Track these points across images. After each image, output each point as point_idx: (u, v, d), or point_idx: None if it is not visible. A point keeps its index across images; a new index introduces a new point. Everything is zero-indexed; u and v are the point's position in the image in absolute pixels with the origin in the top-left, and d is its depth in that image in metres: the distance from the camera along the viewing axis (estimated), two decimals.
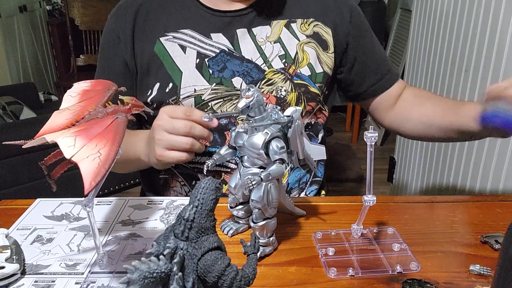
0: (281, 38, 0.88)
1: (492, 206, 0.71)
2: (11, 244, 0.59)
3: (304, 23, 0.90)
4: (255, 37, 0.87)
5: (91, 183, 0.41)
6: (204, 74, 0.85)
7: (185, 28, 0.86)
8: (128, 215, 0.70)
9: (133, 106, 0.53)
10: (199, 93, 0.84)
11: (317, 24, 0.90)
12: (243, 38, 0.87)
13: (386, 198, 0.75)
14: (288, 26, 0.89)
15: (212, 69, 0.85)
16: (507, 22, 1.17)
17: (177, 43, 0.86)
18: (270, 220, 0.58)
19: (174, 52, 0.86)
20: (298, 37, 0.89)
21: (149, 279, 0.35)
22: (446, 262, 0.58)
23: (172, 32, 0.86)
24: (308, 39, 0.89)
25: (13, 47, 3.14)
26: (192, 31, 0.86)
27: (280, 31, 0.88)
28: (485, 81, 1.29)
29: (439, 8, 1.65)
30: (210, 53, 0.85)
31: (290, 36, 0.88)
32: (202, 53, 0.85)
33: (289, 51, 0.87)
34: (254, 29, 0.87)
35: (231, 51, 0.86)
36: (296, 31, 0.89)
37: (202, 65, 0.85)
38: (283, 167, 0.56)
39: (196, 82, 0.84)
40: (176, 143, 0.71)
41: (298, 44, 0.88)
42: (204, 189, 0.39)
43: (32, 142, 0.48)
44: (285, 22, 0.89)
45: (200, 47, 0.86)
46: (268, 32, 0.88)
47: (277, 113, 0.57)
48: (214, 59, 0.85)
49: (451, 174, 1.51)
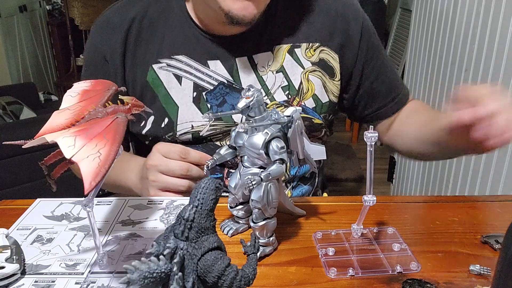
0: (284, 67, 0.81)
1: (492, 206, 0.71)
2: (11, 244, 0.59)
3: (309, 48, 0.82)
4: (256, 66, 0.80)
5: (91, 183, 0.41)
6: (202, 108, 0.80)
7: (180, 53, 0.80)
8: (128, 215, 0.70)
9: (133, 106, 0.53)
10: (196, 129, 0.80)
11: (323, 49, 0.83)
12: (243, 68, 0.80)
13: (386, 198, 0.75)
14: (292, 52, 0.82)
15: (210, 103, 0.80)
16: (507, 22, 1.17)
17: (172, 72, 0.80)
18: (270, 220, 0.58)
19: (169, 83, 0.79)
20: (303, 64, 0.82)
21: (149, 279, 0.35)
22: (446, 262, 0.58)
23: (166, 59, 0.80)
24: (313, 66, 0.82)
25: (13, 47, 3.14)
26: (187, 58, 0.80)
27: (283, 58, 0.81)
28: (485, 81, 1.29)
29: (439, 8, 1.65)
30: (207, 86, 0.80)
31: (294, 64, 0.82)
32: (200, 85, 0.80)
33: (292, 82, 0.81)
34: (255, 57, 0.80)
35: (230, 83, 0.80)
36: (301, 57, 0.82)
37: (199, 99, 0.79)
38: (283, 167, 0.56)
39: (194, 117, 0.80)
40: (171, 185, 0.70)
41: (303, 73, 0.82)
42: (204, 189, 0.39)
43: (32, 142, 0.48)
44: (289, 47, 0.82)
45: (197, 77, 0.80)
46: (270, 60, 0.81)
47: (277, 113, 0.57)
48: (212, 93, 0.80)
49: (451, 174, 1.51)
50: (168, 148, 0.71)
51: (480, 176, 1.31)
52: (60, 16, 3.80)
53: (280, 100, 0.81)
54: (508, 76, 1.17)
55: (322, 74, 0.83)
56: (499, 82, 1.21)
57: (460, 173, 1.44)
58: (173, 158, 0.70)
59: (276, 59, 0.81)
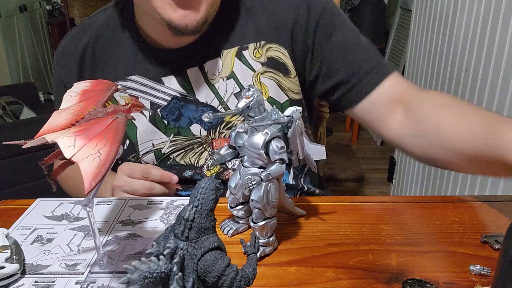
0: (234, 73, 0.78)
1: (492, 206, 0.71)
2: (11, 244, 0.59)
3: (257, 48, 0.79)
4: (207, 75, 0.78)
5: (91, 183, 0.41)
6: (159, 126, 0.79)
7: (134, 74, 0.79)
8: (128, 215, 0.70)
9: (133, 106, 0.53)
10: (157, 147, 0.79)
11: (271, 46, 0.79)
12: (195, 78, 0.78)
13: (386, 198, 0.75)
14: (240, 56, 0.79)
15: (167, 119, 0.79)
16: (507, 22, 1.17)
17: (128, 93, 0.78)
18: (270, 220, 0.58)
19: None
20: (253, 66, 0.79)
21: (149, 279, 0.35)
22: (446, 262, 0.58)
23: (121, 81, 0.79)
24: (263, 67, 0.79)
25: (13, 47, 3.15)
26: (141, 78, 0.79)
27: (232, 63, 0.78)
28: (485, 81, 1.29)
29: (439, 8, 1.65)
30: (162, 102, 0.79)
31: (244, 68, 0.78)
32: (154, 102, 0.79)
33: (244, 87, 0.78)
34: (205, 65, 0.78)
35: (184, 95, 0.78)
36: (249, 59, 0.79)
37: (155, 117, 0.79)
38: (283, 167, 0.56)
39: (153, 136, 0.79)
40: None
41: (254, 76, 0.78)
42: (204, 189, 0.39)
43: (32, 142, 0.48)
44: (236, 50, 0.79)
45: (153, 95, 0.79)
46: (220, 67, 0.78)
47: (277, 113, 0.57)
48: (167, 108, 0.79)
49: (451, 174, 1.51)
50: (131, 168, 0.73)
51: (480, 176, 1.31)
52: (60, 16, 3.80)
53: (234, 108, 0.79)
54: (508, 76, 1.17)
55: (275, 74, 0.79)
56: (499, 82, 1.21)
57: (460, 173, 1.44)
58: (136, 178, 0.72)
59: (225, 65, 0.79)
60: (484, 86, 1.29)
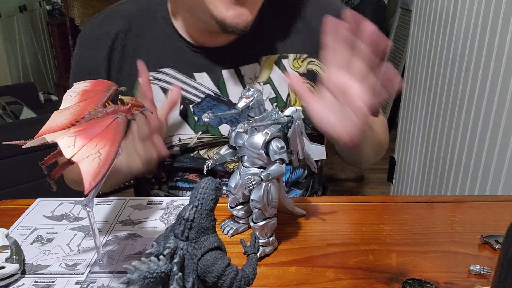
0: (271, 78, 0.79)
1: (492, 206, 0.71)
2: (11, 244, 0.59)
3: (297, 58, 0.80)
4: (243, 78, 0.79)
5: (91, 183, 0.41)
6: (189, 121, 0.79)
7: (166, 66, 0.78)
8: (128, 215, 0.70)
9: (133, 106, 0.53)
10: (184, 142, 0.79)
11: (312, 60, 0.81)
12: (230, 80, 0.78)
13: (386, 198, 0.75)
14: (279, 63, 0.80)
15: (197, 116, 0.79)
16: (507, 22, 1.17)
17: (158, 85, 0.78)
18: (270, 220, 0.58)
19: (155, 96, 0.77)
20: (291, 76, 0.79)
21: (149, 279, 0.35)
22: (446, 262, 0.58)
23: (152, 72, 0.78)
24: (302, 78, 0.80)
25: (13, 47, 3.15)
26: (174, 71, 0.78)
27: (270, 69, 0.80)
28: (485, 81, 1.29)
29: (439, 8, 1.65)
30: (194, 98, 0.79)
31: (281, 75, 0.80)
32: (186, 97, 0.79)
33: (280, 93, 0.80)
34: (242, 69, 0.79)
35: (218, 95, 0.79)
36: (288, 68, 0.80)
37: (186, 112, 0.79)
38: (283, 167, 0.56)
39: (181, 131, 0.79)
40: None
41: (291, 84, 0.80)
42: (204, 189, 0.39)
43: (32, 142, 0.48)
44: (276, 58, 0.80)
45: (184, 90, 0.78)
46: (257, 71, 0.79)
47: (277, 113, 0.57)
48: (199, 105, 0.78)
49: (451, 174, 1.51)
50: None
51: (480, 176, 1.31)
52: (60, 16, 3.80)
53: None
54: (508, 76, 1.17)
55: (310, 85, 0.81)
56: (499, 82, 1.21)
57: (460, 173, 1.44)
58: None
59: (263, 70, 0.80)
60: (484, 86, 1.29)
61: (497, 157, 1.22)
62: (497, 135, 1.21)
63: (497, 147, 1.22)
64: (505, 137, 1.18)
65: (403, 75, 2.20)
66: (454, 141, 1.49)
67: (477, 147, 1.34)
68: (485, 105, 1.29)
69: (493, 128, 1.24)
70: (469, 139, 1.39)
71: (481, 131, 1.31)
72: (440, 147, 1.63)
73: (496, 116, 1.23)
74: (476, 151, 1.34)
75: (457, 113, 1.48)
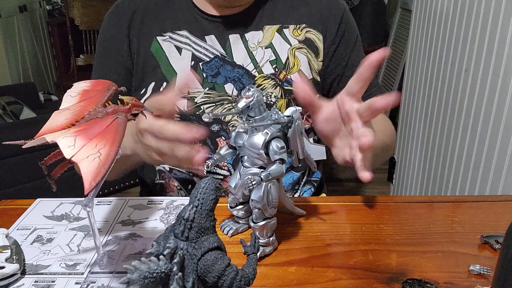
0: (272, 43, 0.87)
1: (492, 206, 0.71)
2: (11, 244, 0.59)
3: (297, 28, 0.89)
4: (247, 43, 0.87)
5: (91, 183, 0.41)
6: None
7: (181, 29, 0.87)
8: (128, 215, 0.70)
9: (133, 106, 0.53)
10: (192, 95, 0.85)
11: (309, 30, 0.89)
12: (236, 44, 0.87)
13: (386, 198, 0.75)
14: (281, 31, 0.88)
15: (206, 73, 0.85)
16: (507, 22, 1.17)
17: (173, 44, 0.86)
18: (270, 220, 0.58)
19: (170, 52, 0.86)
20: (290, 42, 0.88)
21: (149, 279, 0.35)
22: (446, 262, 0.58)
23: (169, 33, 0.87)
24: (300, 44, 0.88)
25: (13, 47, 3.15)
26: (188, 33, 0.87)
27: (272, 36, 0.88)
28: (485, 81, 1.29)
29: (439, 8, 1.65)
30: (204, 57, 0.86)
31: (281, 41, 0.88)
32: (197, 56, 0.86)
33: (280, 56, 0.87)
34: (247, 35, 0.87)
35: (224, 56, 0.86)
36: (288, 36, 0.88)
37: (196, 68, 0.86)
38: (283, 167, 0.56)
39: (190, 84, 0.85)
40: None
41: (290, 49, 0.87)
42: (204, 189, 0.39)
43: (32, 142, 0.48)
44: (277, 27, 0.88)
45: (195, 49, 0.86)
46: (260, 38, 0.88)
47: (277, 113, 0.57)
48: (208, 64, 0.86)
49: (451, 174, 1.51)
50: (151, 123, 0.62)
51: (480, 176, 1.31)
52: (60, 16, 3.80)
53: (267, 72, 0.86)
54: (508, 76, 1.17)
55: (308, 52, 0.88)
56: (499, 82, 1.21)
57: (460, 173, 1.44)
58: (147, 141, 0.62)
59: (265, 36, 0.88)
60: (484, 86, 1.29)
61: (497, 157, 1.22)
62: (497, 135, 1.21)
63: (497, 147, 1.22)
64: (505, 137, 1.18)
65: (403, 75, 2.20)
66: (454, 141, 1.49)
67: (477, 147, 1.34)
68: (485, 105, 1.29)
69: (493, 128, 1.24)
70: (469, 139, 1.39)
71: (481, 131, 1.31)
72: (440, 147, 1.63)
73: (496, 116, 1.23)
74: (476, 151, 1.34)
75: (457, 113, 1.48)
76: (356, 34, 0.93)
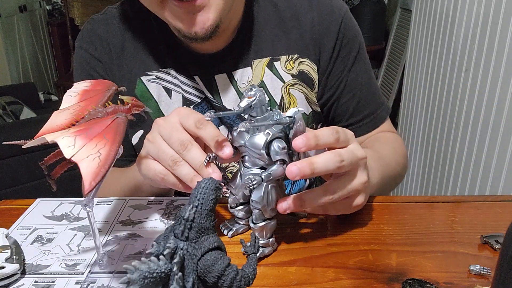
0: (264, 82, 0.80)
1: (492, 206, 0.71)
2: (11, 244, 0.59)
3: (289, 60, 0.80)
4: (236, 83, 0.79)
5: (91, 183, 0.41)
6: None
7: (167, 67, 0.79)
8: (128, 215, 0.70)
9: (133, 106, 0.53)
10: None
11: (302, 61, 0.81)
12: (224, 86, 0.79)
13: (386, 198, 0.75)
14: (271, 66, 0.80)
15: None
16: (507, 22, 1.17)
17: (162, 84, 0.79)
18: (270, 221, 0.58)
19: (159, 96, 0.78)
20: (283, 78, 0.80)
21: (149, 279, 0.35)
22: (446, 262, 0.58)
23: (155, 71, 0.79)
24: (294, 79, 0.80)
25: (13, 47, 3.15)
26: (174, 72, 0.79)
27: (262, 73, 0.80)
28: (485, 81, 1.29)
29: (439, 8, 1.65)
30: (195, 99, 0.80)
31: (273, 78, 0.80)
32: (187, 98, 0.79)
33: (273, 97, 0.80)
34: (235, 73, 0.79)
35: (211, 100, 0.79)
36: (280, 70, 0.80)
37: None
38: (284, 167, 0.56)
39: None
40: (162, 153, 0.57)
41: (283, 87, 0.80)
42: (204, 189, 0.39)
43: (32, 142, 0.48)
44: (268, 60, 0.80)
45: (184, 91, 0.79)
46: (250, 75, 0.79)
47: (279, 113, 0.57)
48: (199, 106, 0.79)
49: (451, 174, 1.51)
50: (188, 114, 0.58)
51: (480, 176, 1.31)
52: (60, 16, 3.80)
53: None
54: (508, 76, 1.17)
55: (303, 87, 0.81)
56: (499, 82, 1.21)
57: (460, 173, 1.44)
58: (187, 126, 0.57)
59: (255, 74, 0.80)
60: (484, 86, 1.29)
61: (497, 157, 1.22)
62: (497, 135, 1.21)
63: (497, 147, 1.22)
64: (505, 137, 1.18)
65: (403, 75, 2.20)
66: (454, 141, 1.49)
67: (477, 147, 1.34)
68: (485, 105, 1.29)
69: (493, 128, 1.24)
70: (469, 139, 1.39)
71: (481, 131, 1.31)
72: (440, 147, 1.63)
73: (496, 116, 1.23)
74: (476, 151, 1.34)
75: (457, 113, 1.48)
76: (356, 48, 0.83)
